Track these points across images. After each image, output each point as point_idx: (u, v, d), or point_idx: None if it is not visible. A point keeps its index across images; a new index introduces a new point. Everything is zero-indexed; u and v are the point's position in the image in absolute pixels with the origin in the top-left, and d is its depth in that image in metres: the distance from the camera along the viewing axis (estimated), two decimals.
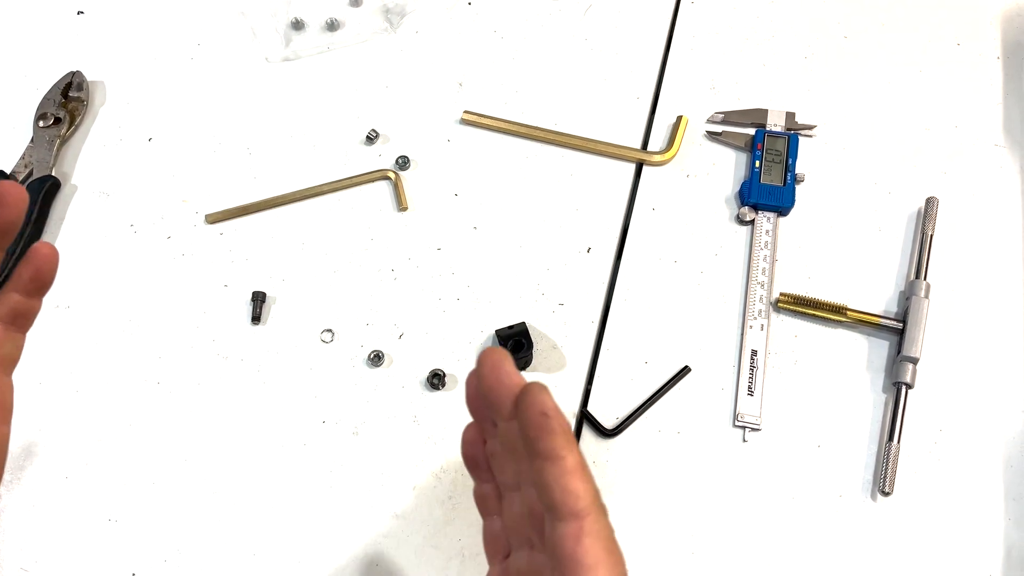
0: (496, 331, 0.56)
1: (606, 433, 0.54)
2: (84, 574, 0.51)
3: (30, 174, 0.64)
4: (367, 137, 0.65)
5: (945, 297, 0.57)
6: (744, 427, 0.54)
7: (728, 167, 0.63)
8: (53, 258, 0.37)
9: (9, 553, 0.52)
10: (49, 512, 0.53)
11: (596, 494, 0.31)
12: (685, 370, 0.55)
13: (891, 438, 0.52)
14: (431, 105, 0.67)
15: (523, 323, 0.56)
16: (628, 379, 0.56)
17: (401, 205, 0.62)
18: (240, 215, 0.63)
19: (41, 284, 0.37)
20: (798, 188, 0.61)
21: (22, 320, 0.37)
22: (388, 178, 0.63)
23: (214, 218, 0.62)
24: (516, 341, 0.54)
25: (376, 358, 0.56)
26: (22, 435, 0.55)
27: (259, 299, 0.59)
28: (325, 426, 0.55)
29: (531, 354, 0.55)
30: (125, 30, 0.72)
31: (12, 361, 0.38)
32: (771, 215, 0.60)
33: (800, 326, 0.57)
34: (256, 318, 0.58)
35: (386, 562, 0.51)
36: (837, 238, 0.60)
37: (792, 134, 0.63)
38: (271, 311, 0.59)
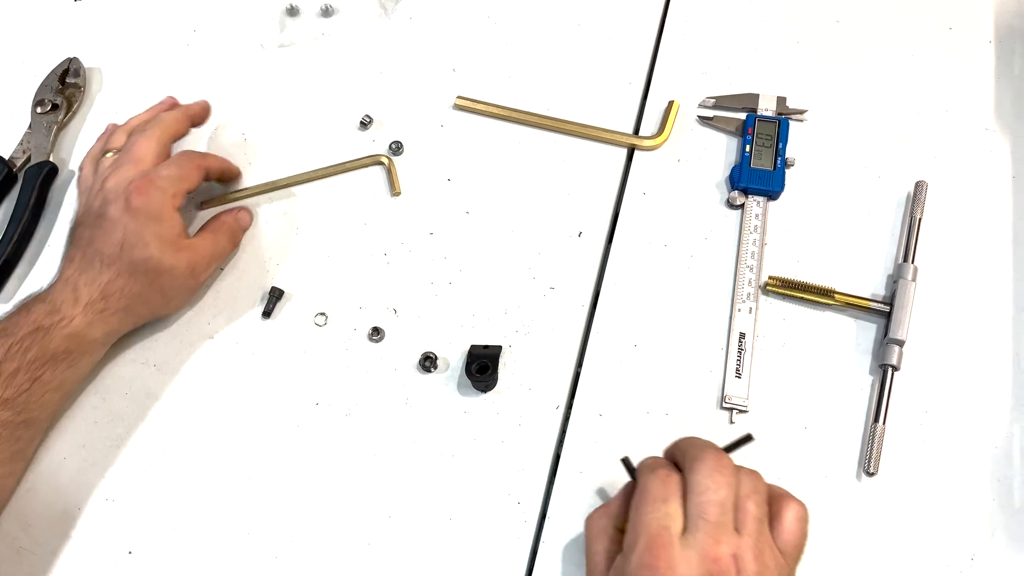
0: (471, 346, 0.56)
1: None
2: (82, 551, 0.53)
3: (28, 160, 0.65)
4: (361, 123, 0.66)
5: (933, 281, 0.58)
6: (731, 409, 0.55)
7: (719, 152, 0.64)
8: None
9: (8, 531, 0.53)
10: (47, 491, 0.54)
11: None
12: (748, 438, 0.49)
13: (877, 419, 0.53)
14: (424, 91, 0.67)
15: (499, 347, 0.56)
16: (617, 362, 0.57)
17: (394, 190, 0.63)
18: (234, 200, 0.63)
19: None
20: (788, 172, 0.61)
21: None
22: (381, 163, 0.64)
23: (209, 205, 0.63)
24: (481, 363, 0.54)
25: (376, 332, 0.57)
26: None
27: (275, 295, 0.59)
28: (318, 408, 0.56)
29: (495, 378, 0.55)
30: (122, 17, 0.73)
31: None
32: (761, 199, 0.61)
33: (788, 309, 0.58)
34: (267, 313, 0.59)
35: (379, 542, 0.52)
36: (826, 222, 0.61)
37: (783, 118, 0.63)
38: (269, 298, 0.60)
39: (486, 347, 0.56)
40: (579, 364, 0.57)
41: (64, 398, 0.54)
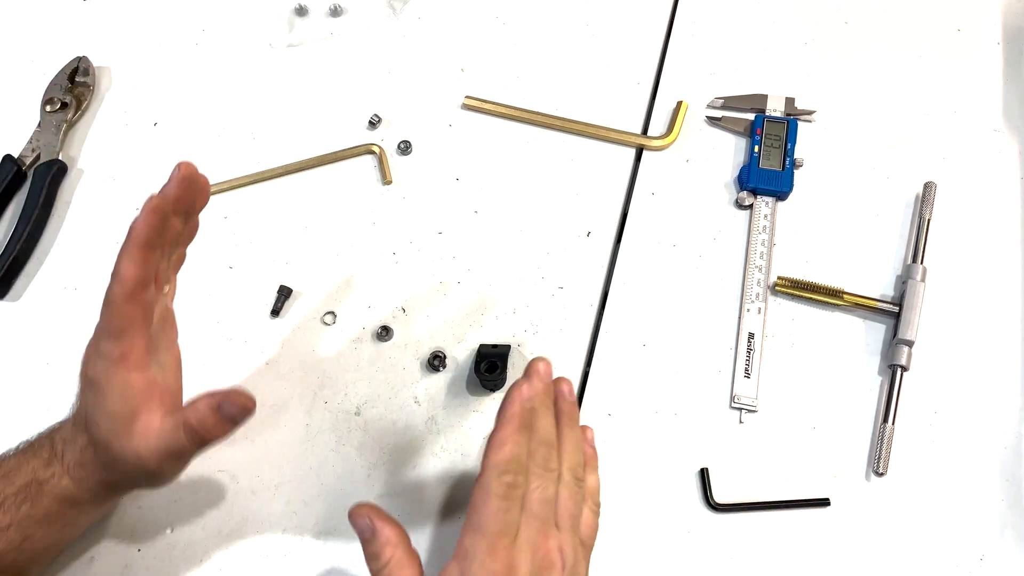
0: (480, 345, 0.56)
1: (715, 507, 0.52)
2: (88, 550, 0.52)
3: (37, 158, 0.65)
4: (369, 122, 0.66)
5: (941, 281, 0.58)
6: (741, 409, 0.55)
7: (727, 152, 0.64)
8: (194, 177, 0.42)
9: None
10: None
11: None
12: (824, 502, 0.52)
13: (886, 420, 0.53)
14: (433, 90, 0.68)
15: (508, 346, 0.56)
16: (626, 361, 0.57)
17: (385, 179, 0.63)
18: (227, 189, 0.64)
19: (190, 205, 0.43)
20: (797, 173, 0.62)
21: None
22: (373, 152, 0.64)
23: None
24: (490, 363, 0.54)
25: (384, 331, 0.58)
26: (31, 416, 0.55)
27: (284, 294, 0.59)
28: (327, 406, 0.56)
29: (504, 377, 0.55)
30: (131, 16, 0.73)
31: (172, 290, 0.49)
32: (770, 200, 0.61)
33: (797, 309, 0.58)
34: (276, 311, 0.59)
35: None
36: (835, 222, 0.61)
37: (791, 119, 0.63)
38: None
39: (495, 346, 0.56)
40: (588, 364, 0.57)
41: (58, 554, 0.49)
